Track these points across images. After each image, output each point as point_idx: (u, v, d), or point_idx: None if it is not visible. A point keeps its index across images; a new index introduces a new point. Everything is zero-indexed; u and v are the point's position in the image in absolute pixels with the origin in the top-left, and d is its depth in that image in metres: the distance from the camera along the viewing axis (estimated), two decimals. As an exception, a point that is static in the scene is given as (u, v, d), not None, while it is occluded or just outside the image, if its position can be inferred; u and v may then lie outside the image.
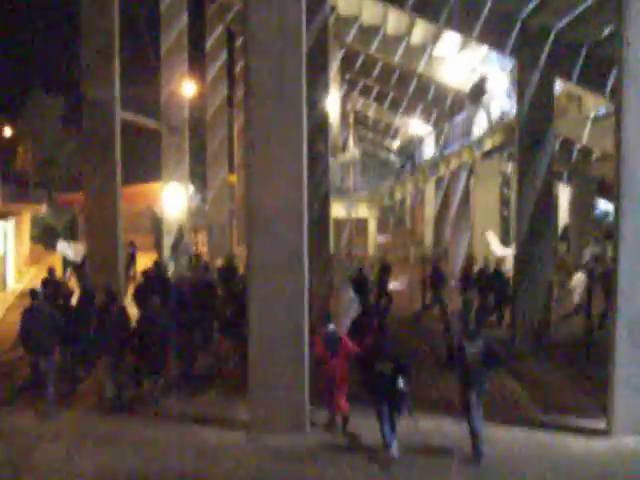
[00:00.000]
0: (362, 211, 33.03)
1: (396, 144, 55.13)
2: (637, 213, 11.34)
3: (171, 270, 22.94)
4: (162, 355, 12.89)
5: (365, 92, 43.14)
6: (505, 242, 27.53)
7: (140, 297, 16.36)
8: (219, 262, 20.18)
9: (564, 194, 37.10)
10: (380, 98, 42.83)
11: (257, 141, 11.38)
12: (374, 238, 34.89)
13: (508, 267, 20.71)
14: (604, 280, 18.58)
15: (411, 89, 35.17)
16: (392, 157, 58.14)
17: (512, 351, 16.94)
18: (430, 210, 38.14)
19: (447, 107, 33.46)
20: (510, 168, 33.72)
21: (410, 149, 32.97)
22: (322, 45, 19.30)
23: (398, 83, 35.79)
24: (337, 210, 28.26)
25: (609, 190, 36.81)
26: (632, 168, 11.42)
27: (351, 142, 43.24)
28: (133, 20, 28.68)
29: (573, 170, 32.26)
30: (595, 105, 22.56)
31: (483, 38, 19.28)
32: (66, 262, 24.58)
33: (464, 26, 18.99)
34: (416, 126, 43.73)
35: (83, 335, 13.78)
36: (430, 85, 33.45)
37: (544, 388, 14.28)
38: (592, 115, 24.85)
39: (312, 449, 10.93)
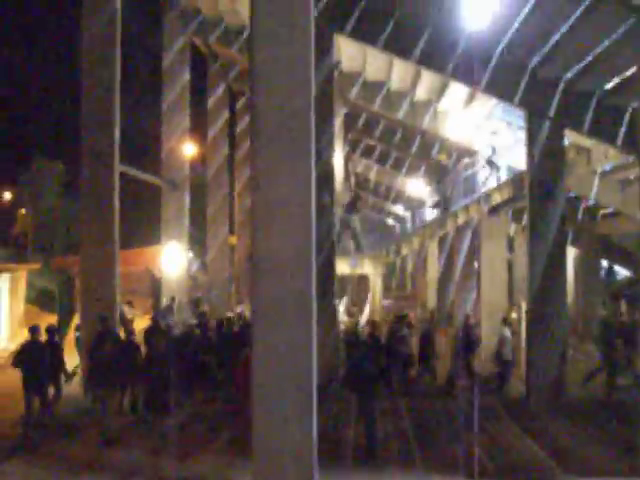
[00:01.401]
0: (367, 267, 32.36)
1: (397, 209, 54.67)
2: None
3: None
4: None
5: (367, 153, 42.84)
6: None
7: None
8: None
9: (569, 254, 36.46)
10: (382, 159, 42.51)
11: (262, 179, 10.79)
12: (379, 296, 34.08)
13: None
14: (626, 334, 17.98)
15: (414, 148, 34.83)
16: (392, 222, 57.68)
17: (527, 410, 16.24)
18: (433, 271, 37.38)
19: (451, 165, 33.02)
20: (514, 228, 33.15)
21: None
22: (327, 97, 19.01)
23: (401, 142, 35.49)
24: (341, 267, 27.56)
25: (614, 250, 36.41)
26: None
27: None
28: (135, 73, 28.56)
29: (579, 229, 31.67)
30: (605, 158, 22.02)
31: (491, 89, 18.92)
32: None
33: (471, 77, 18.68)
34: (418, 188, 43.45)
35: None
36: (434, 143, 33.11)
37: (567, 450, 13.31)
38: (600, 170, 24.38)
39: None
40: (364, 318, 29.84)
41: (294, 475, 10.61)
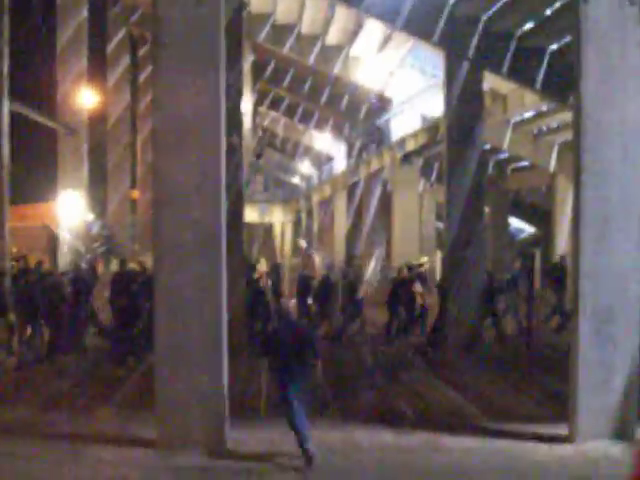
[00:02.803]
0: (277, 215, 31.27)
1: (304, 167, 53.37)
2: (598, 191, 10.10)
3: None
4: None
5: (275, 105, 41.54)
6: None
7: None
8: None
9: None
10: (291, 111, 41.32)
11: (164, 97, 9.62)
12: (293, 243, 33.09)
13: None
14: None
15: (324, 98, 33.78)
16: (298, 181, 56.14)
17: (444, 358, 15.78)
18: (341, 223, 36.17)
19: (362, 115, 32.18)
20: (422, 184, 32.59)
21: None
22: (235, 38, 17.64)
23: (311, 92, 34.37)
24: (249, 214, 26.48)
25: (523, 207, 36.56)
26: (591, 141, 10.16)
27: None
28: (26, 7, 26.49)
29: (489, 184, 31.46)
30: (522, 105, 21.59)
31: (408, 27, 18.03)
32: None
33: (387, 14, 17.77)
34: (327, 142, 42.56)
35: None
36: (344, 93, 32.16)
37: (486, 397, 12.79)
38: (513, 120, 24.05)
39: (230, 468, 9.11)
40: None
41: (201, 429, 9.65)
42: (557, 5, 16.55)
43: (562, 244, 25.00)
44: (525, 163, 28.67)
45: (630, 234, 10.13)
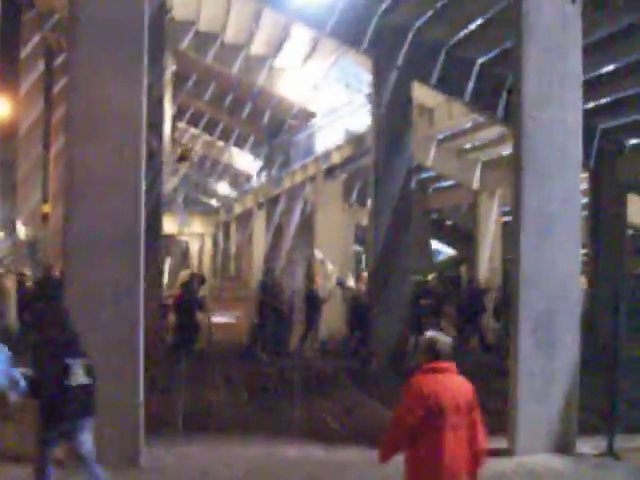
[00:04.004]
0: (197, 227, 30.25)
1: (223, 187, 52.03)
2: (539, 192, 9.72)
3: None
4: None
5: (195, 120, 40.53)
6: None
7: None
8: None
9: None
10: (210, 127, 40.40)
11: (81, 81, 8.81)
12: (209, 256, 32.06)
13: None
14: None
15: (247, 111, 33.07)
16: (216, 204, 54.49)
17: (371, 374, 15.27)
18: (261, 238, 35.04)
19: (285, 130, 31.58)
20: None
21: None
22: (157, 44, 16.83)
23: (232, 105, 33.58)
24: (167, 225, 25.50)
25: (445, 227, 36.50)
26: (532, 141, 9.79)
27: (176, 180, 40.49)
28: None
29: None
30: (449, 118, 21.39)
31: (336, 34, 17.59)
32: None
33: (316, 20, 17.30)
34: (247, 160, 41.85)
35: None
36: (267, 108, 31.54)
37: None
38: (439, 136, 23.87)
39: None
40: None
41: (114, 446, 8.67)
42: (487, 16, 16.30)
43: (484, 265, 24.87)
44: (449, 182, 28.57)
45: (571, 239, 9.80)
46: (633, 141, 19.25)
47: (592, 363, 10.59)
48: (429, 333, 5.60)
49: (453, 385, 5.36)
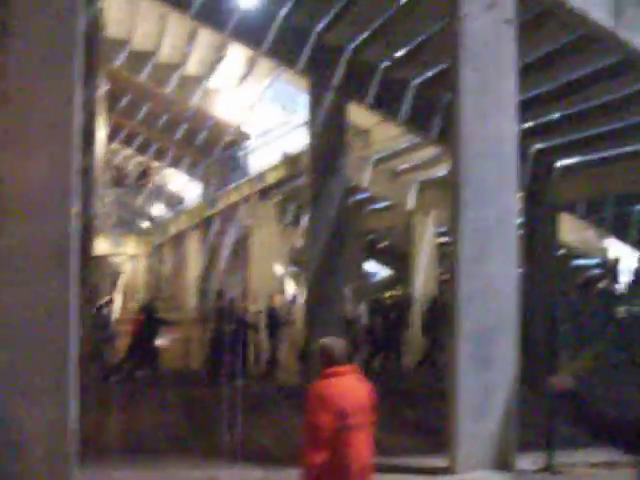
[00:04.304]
0: (130, 247, 29.69)
1: (157, 208, 51.08)
2: (475, 209, 9.77)
3: None
4: None
5: (127, 141, 39.82)
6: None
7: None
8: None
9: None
10: (144, 147, 39.77)
11: (13, 91, 8.52)
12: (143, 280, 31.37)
13: None
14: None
15: (180, 132, 32.69)
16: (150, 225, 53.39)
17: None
18: (195, 259, 34.42)
19: (219, 150, 31.29)
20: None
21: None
22: (89, 61, 16.48)
23: (166, 126, 33.14)
24: (101, 246, 24.96)
25: (379, 248, 36.56)
26: (468, 157, 9.86)
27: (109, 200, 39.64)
28: None
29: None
30: (386, 139, 21.51)
31: (273, 53, 17.51)
32: None
33: (252, 38, 17.22)
34: (181, 182, 41.32)
35: None
36: (202, 128, 31.24)
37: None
38: (375, 157, 23.95)
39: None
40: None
41: (45, 472, 8.37)
42: (422, 38, 16.46)
43: (418, 284, 25.00)
44: (385, 203, 28.66)
45: (508, 254, 9.86)
46: (564, 162, 19.62)
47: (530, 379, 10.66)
48: (323, 339, 5.56)
49: (354, 386, 5.43)
